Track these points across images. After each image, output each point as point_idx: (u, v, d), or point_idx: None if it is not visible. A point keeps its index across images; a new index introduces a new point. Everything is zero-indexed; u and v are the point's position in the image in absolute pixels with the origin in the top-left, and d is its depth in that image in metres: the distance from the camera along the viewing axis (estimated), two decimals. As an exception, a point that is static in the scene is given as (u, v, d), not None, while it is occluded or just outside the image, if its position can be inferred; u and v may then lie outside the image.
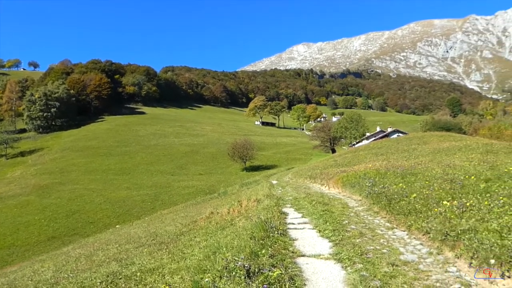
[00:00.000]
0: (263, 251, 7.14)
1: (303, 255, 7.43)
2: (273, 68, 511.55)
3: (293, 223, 10.50)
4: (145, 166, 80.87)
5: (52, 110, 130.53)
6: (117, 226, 41.46)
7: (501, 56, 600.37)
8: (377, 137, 78.88)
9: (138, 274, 8.46)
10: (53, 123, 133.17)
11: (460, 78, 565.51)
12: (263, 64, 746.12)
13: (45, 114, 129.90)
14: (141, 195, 59.54)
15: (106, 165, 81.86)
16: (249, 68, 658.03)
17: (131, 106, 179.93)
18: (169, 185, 65.60)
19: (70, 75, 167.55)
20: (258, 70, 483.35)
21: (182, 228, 15.02)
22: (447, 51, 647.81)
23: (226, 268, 6.31)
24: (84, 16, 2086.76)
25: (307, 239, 8.69)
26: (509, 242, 6.10)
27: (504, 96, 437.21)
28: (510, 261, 5.71)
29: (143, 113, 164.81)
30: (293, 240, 8.55)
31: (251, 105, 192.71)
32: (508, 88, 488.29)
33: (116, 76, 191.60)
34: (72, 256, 17.14)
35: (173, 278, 7.35)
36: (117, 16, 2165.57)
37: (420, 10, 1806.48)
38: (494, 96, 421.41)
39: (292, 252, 7.55)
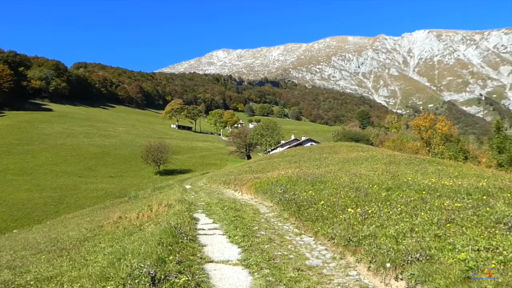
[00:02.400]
0: (171, 257, 6.97)
1: (212, 261, 7.37)
2: (192, 71, 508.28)
3: (204, 229, 10.40)
4: (50, 167, 75.87)
5: None
6: (14, 231, 38.32)
7: (406, 74, 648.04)
8: (291, 145, 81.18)
9: (33, 282, 7.90)
10: None
11: (369, 93, 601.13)
12: (182, 67, 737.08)
13: None
14: (43, 198, 55.68)
15: (4, 164, 75.40)
16: (167, 70, 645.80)
17: (36, 101, 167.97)
18: (76, 188, 62.16)
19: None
20: (176, 73, 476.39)
21: (86, 233, 14.30)
22: (359, 67, 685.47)
23: (130, 276, 6.07)
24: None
25: (217, 245, 8.63)
26: (404, 247, 6.52)
27: (407, 111, 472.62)
28: (403, 265, 6.10)
29: (50, 110, 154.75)
30: (203, 246, 8.45)
31: (168, 107, 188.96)
32: (411, 104, 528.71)
33: (21, 69, 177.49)
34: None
35: (73, 286, 6.94)
36: (25, 5, 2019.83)
37: (336, 26, 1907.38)
38: (399, 111, 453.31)
39: (201, 258, 7.46)
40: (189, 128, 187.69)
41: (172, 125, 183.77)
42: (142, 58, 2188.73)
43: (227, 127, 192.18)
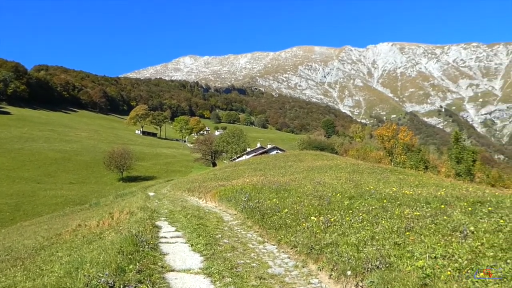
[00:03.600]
0: (131, 267, 6.82)
1: (173, 270, 7.25)
2: (158, 77, 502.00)
3: (166, 237, 10.23)
4: (6, 172, 72.95)
5: None
6: (-33, 238, 36.61)
7: (370, 85, 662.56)
8: (257, 153, 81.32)
9: (-17, 294, 7.53)
10: None
11: (335, 102, 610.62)
12: (148, 72, 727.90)
13: None
14: (-1, 204, 53.48)
15: (-42, 169, 72.23)
16: (132, 75, 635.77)
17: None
18: (34, 194, 60.03)
19: None
20: (142, 78, 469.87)
21: (43, 242, 13.82)
22: (325, 77, 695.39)
23: (87, 286, 5.91)
24: None
25: (179, 253, 8.50)
26: (364, 255, 6.62)
27: (371, 121, 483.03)
28: (363, 272, 6.19)
29: (7, 113, 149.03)
30: (164, 254, 8.31)
31: (132, 113, 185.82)
32: (375, 114, 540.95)
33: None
34: None
35: (26, 297, 6.66)
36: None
37: (303, 36, 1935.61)
38: (363, 121, 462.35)
39: (162, 267, 7.32)
40: (154, 135, 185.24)
41: (137, 131, 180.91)
42: (106, 62, 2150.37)
43: (193, 134, 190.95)
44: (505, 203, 8.49)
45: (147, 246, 8.45)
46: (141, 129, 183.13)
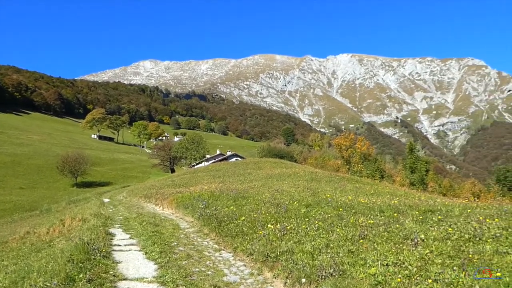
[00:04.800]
0: (81, 275, 6.59)
1: (126, 279, 7.07)
2: (117, 81, 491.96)
3: (120, 245, 9.96)
4: (-49, 176, 69.29)
5: None
6: None
7: (330, 95, 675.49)
8: (216, 159, 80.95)
9: None
10: None
11: (295, 111, 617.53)
12: (106, 75, 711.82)
13: None
14: None
15: None
16: (90, 77, 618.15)
17: None
18: (-19, 199, 57.16)
19: None
20: (99, 81, 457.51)
21: (-12, 250, 13.12)
22: (286, 85, 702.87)
23: (33, 296, 5.64)
24: None
25: (132, 261, 8.30)
26: (319, 262, 6.69)
27: (330, 130, 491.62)
28: (317, 280, 6.24)
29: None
30: (117, 262, 8.09)
31: (89, 117, 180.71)
32: (333, 123, 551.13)
33: None
34: None
35: (-34, 309, 6.30)
36: None
37: (264, 44, 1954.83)
38: (322, 130, 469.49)
39: (114, 275, 7.13)
40: (111, 139, 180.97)
41: (93, 135, 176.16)
42: (62, 64, 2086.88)
43: (152, 140, 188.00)
44: (454, 212, 8.81)
45: (99, 254, 8.21)
46: (98, 133, 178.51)
